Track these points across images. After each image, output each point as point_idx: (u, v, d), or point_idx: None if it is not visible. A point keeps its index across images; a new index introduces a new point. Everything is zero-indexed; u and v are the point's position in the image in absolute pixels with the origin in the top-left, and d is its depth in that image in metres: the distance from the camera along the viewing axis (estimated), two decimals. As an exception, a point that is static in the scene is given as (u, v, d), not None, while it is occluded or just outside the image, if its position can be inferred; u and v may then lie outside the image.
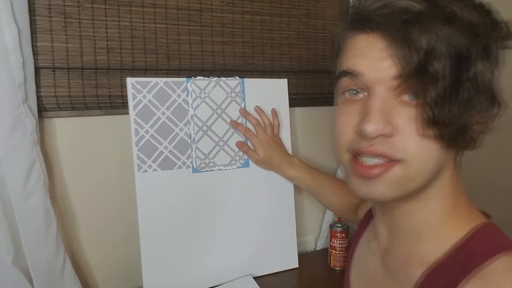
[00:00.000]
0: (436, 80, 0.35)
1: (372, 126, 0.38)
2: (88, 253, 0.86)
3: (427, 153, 0.39)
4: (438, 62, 0.35)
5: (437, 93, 0.35)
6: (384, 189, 0.40)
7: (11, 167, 0.69)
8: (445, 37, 0.35)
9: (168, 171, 0.80)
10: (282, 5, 0.96)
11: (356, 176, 0.42)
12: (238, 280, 0.86)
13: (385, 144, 0.39)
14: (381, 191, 0.41)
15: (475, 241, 0.42)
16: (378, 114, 0.38)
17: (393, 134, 0.39)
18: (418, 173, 0.40)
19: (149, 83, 0.78)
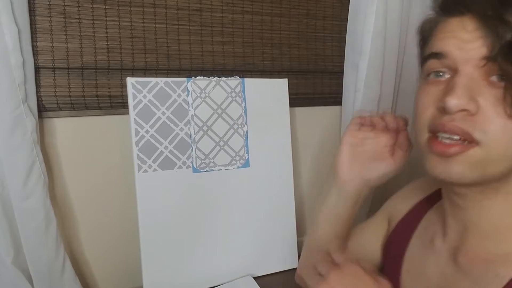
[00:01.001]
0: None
1: (455, 99, 0.38)
2: (88, 253, 0.86)
3: (510, 137, 0.38)
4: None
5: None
6: (462, 168, 0.39)
7: (11, 167, 0.69)
8: None
9: (168, 171, 0.80)
10: (282, 5, 0.96)
11: (433, 153, 0.41)
12: (238, 280, 0.86)
13: (467, 122, 0.38)
14: (458, 171, 0.40)
15: None
16: (463, 89, 0.38)
17: (476, 113, 0.38)
18: (498, 157, 0.39)
19: (149, 83, 0.78)
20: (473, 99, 0.38)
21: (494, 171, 0.40)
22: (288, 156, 0.93)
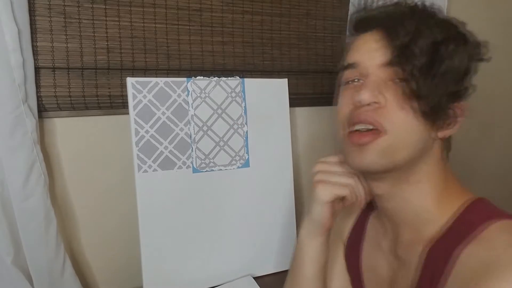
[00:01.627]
0: (414, 59, 0.44)
1: (366, 93, 0.46)
2: (88, 253, 0.86)
3: (411, 126, 0.46)
4: (416, 46, 0.44)
5: (417, 70, 0.44)
6: (374, 157, 0.47)
7: (11, 167, 0.69)
8: (425, 27, 0.45)
9: (168, 171, 0.80)
10: (282, 5, 0.96)
11: (351, 145, 0.49)
12: (238, 280, 0.86)
13: (378, 113, 0.46)
14: (370, 159, 0.47)
15: (471, 212, 0.46)
16: (373, 85, 0.47)
17: (385, 106, 0.46)
18: (403, 144, 0.46)
19: (149, 83, 0.78)
20: (382, 94, 0.46)
21: (400, 158, 0.47)
22: (288, 156, 0.92)
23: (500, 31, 1.31)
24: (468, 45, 0.47)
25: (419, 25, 0.45)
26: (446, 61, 0.45)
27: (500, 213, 0.45)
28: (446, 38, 0.45)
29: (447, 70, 0.45)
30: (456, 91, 0.47)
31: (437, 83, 0.45)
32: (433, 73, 0.44)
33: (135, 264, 0.79)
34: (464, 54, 0.46)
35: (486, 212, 0.46)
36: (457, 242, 0.44)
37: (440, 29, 0.46)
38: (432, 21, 0.46)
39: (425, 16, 0.47)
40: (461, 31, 0.48)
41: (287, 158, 0.92)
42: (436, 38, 0.45)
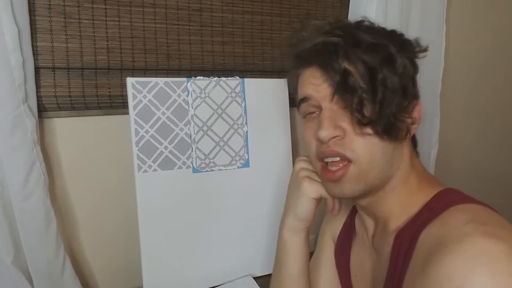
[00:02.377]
0: (355, 90, 0.47)
1: (324, 131, 0.49)
2: (88, 253, 0.86)
3: (372, 148, 0.48)
4: (352, 77, 0.47)
5: (359, 100, 0.47)
6: (350, 186, 0.50)
7: (11, 167, 0.69)
8: (356, 57, 0.47)
9: (168, 171, 0.80)
10: (282, 5, 0.96)
11: (327, 181, 0.52)
12: (238, 280, 0.86)
13: (339, 145, 0.49)
14: (349, 188, 0.50)
15: (436, 200, 0.49)
16: (328, 121, 0.49)
17: (344, 137, 0.49)
18: (370, 166, 0.49)
19: (149, 83, 0.78)
20: (338, 126, 0.49)
21: (374, 178, 0.50)
22: (288, 156, 0.93)
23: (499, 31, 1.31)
24: (405, 54, 0.49)
25: (350, 57, 0.47)
26: (386, 82, 0.47)
27: (463, 198, 0.47)
28: (380, 61, 0.47)
29: (388, 91, 0.47)
30: (406, 103, 0.49)
31: (383, 105, 0.47)
32: (377, 97, 0.47)
33: (135, 264, 0.79)
34: (402, 67, 0.48)
35: (449, 198, 0.48)
36: (420, 227, 0.46)
37: (372, 54, 0.47)
38: (364, 46, 0.48)
39: (356, 42, 0.48)
40: (395, 43, 0.49)
41: (287, 158, 0.92)
42: (370, 65, 0.47)
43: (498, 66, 1.34)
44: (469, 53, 1.26)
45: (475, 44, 1.27)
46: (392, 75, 0.47)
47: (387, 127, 0.47)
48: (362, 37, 0.48)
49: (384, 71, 0.47)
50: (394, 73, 0.47)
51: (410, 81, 0.50)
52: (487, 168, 1.38)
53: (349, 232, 0.65)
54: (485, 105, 1.34)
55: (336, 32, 0.49)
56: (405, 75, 0.49)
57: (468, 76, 1.28)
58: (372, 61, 0.47)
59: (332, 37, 0.49)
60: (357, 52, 0.47)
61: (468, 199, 0.47)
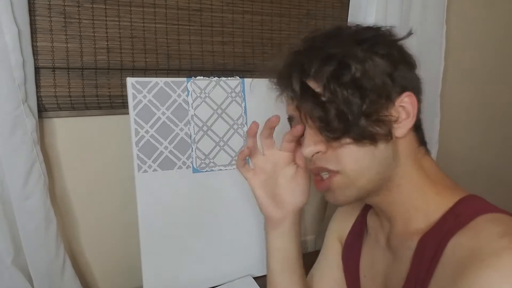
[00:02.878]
0: (311, 113, 0.48)
1: (306, 149, 0.51)
2: (88, 253, 0.86)
3: (356, 156, 0.48)
4: (306, 101, 0.48)
5: (319, 120, 0.48)
6: (341, 194, 0.51)
7: (11, 167, 0.69)
8: (310, 75, 0.48)
9: (168, 171, 0.80)
10: (282, 5, 0.96)
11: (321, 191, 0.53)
12: (238, 280, 0.86)
13: (322, 160, 0.50)
14: (340, 197, 0.51)
15: (461, 206, 0.47)
16: (308, 138, 0.51)
17: (326, 151, 0.50)
18: (358, 173, 0.49)
19: (149, 83, 0.78)
20: (319, 142, 0.50)
21: (367, 184, 0.49)
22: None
23: (499, 31, 1.31)
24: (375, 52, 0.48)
25: (306, 77, 0.48)
26: (336, 96, 0.46)
27: (489, 207, 0.46)
28: (329, 75, 0.47)
29: (343, 104, 0.46)
30: (372, 106, 0.47)
31: (342, 119, 0.46)
32: (337, 112, 0.46)
33: (135, 264, 0.79)
34: (361, 71, 0.47)
35: (475, 205, 0.47)
36: (446, 233, 0.44)
37: (323, 68, 0.47)
38: (316, 62, 0.48)
39: (310, 59, 0.48)
40: (362, 44, 0.48)
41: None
42: (321, 81, 0.47)
43: (498, 66, 1.34)
44: (469, 53, 1.26)
45: (475, 44, 1.27)
46: (344, 85, 0.46)
47: (359, 134, 0.47)
48: (321, 50, 0.48)
49: (332, 86, 0.46)
50: (348, 81, 0.46)
51: (387, 77, 0.48)
52: (487, 168, 1.38)
53: (360, 230, 0.64)
54: (485, 105, 1.34)
55: (301, 50, 0.51)
56: (371, 76, 0.47)
57: (468, 76, 1.28)
58: (321, 75, 0.47)
59: (295, 57, 0.51)
60: (312, 67, 0.48)
61: (494, 208, 0.46)
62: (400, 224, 0.52)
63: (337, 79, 0.46)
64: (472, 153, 1.34)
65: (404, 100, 0.49)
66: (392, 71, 0.48)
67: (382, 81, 0.48)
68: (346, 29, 0.53)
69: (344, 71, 0.47)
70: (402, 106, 0.49)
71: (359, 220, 0.65)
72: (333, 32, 0.53)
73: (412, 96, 0.49)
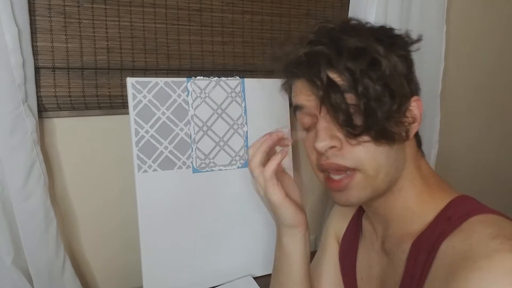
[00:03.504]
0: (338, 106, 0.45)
1: (321, 142, 0.47)
2: (88, 253, 0.86)
3: (373, 154, 0.47)
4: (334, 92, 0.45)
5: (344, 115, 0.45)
6: (356, 193, 0.49)
7: (11, 167, 0.69)
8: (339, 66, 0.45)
9: (168, 171, 0.80)
10: (282, 5, 0.96)
11: (332, 190, 0.51)
12: (238, 280, 0.86)
13: (338, 156, 0.47)
14: (355, 196, 0.49)
15: (453, 208, 0.47)
16: (324, 132, 0.47)
17: (342, 147, 0.47)
18: (376, 172, 0.48)
19: (149, 83, 0.78)
20: (334, 137, 0.47)
21: (381, 184, 0.49)
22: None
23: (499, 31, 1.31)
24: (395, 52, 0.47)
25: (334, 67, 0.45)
26: (368, 92, 0.45)
27: (480, 207, 0.46)
28: (362, 69, 0.45)
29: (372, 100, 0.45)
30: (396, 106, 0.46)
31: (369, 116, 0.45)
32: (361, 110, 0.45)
33: (135, 264, 0.79)
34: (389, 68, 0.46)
35: (466, 207, 0.47)
36: (438, 236, 0.45)
37: (355, 61, 0.45)
38: (346, 52, 0.46)
39: (339, 49, 0.46)
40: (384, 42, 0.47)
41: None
42: (353, 74, 0.45)
43: (498, 66, 1.34)
44: (469, 53, 1.26)
45: (475, 44, 1.27)
46: (376, 81, 0.45)
47: (380, 133, 0.46)
48: (346, 43, 0.46)
49: (365, 81, 0.45)
50: (378, 78, 0.45)
51: (404, 79, 0.48)
52: (487, 168, 1.38)
53: (355, 232, 0.64)
54: (485, 105, 1.34)
55: (320, 40, 0.47)
56: (395, 76, 0.46)
57: (468, 76, 1.28)
58: (354, 69, 0.45)
59: (315, 47, 0.47)
60: (341, 60, 0.45)
61: (485, 208, 0.46)
62: (395, 227, 0.53)
63: (370, 75, 0.45)
64: (472, 152, 1.34)
65: (412, 104, 0.49)
66: (407, 73, 0.49)
67: (406, 81, 0.48)
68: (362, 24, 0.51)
69: (375, 67, 0.45)
70: (410, 110, 0.49)
71: (354, 220, 0.65)
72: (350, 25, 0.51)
73: (419, 100, 0.49)
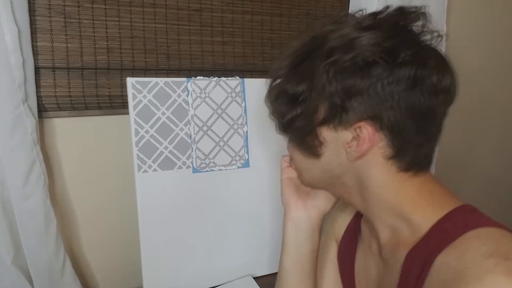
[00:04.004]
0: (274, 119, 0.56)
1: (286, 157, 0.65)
2: (88, 253, 0.86)
3: (300, 163, 0.57)
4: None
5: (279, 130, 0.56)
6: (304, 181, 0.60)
7: (11, 167, 0.69)
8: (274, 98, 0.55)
9: (168, 171, 0.80)
10: (282, 5, 0.96)
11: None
12: (238, 280, 0.86)
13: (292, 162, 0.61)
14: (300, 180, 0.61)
15: (449, 220, 0.45)
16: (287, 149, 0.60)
17: (292, 158, 0.60)
18: (305, 175, 0.58)
19: (149, 83, 0.78)
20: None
21: (306, 182, 0.59)
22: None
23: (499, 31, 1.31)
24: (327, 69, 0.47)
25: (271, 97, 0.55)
26: (274, 114, 0.55)
27: (478, 221, 0.44)
28: (274, 96, 0.53)
29: (281, 122, 0.54)
30: (300, 130, 0.52)
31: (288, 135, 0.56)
32: (279, 128, 0.55)
33: (135, 264, 0.79)
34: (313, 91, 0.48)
35: (464, 220, 0.44)
36: (432, 250, 0.43)
37: (271, 91, 0.54)
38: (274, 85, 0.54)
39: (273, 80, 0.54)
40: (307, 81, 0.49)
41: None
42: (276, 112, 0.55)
43: (498, 66, 1.34)
44: (469, 53, 1.26)
45: (475, 44, 1.27)
46: (280, 105, 0.52)
47: (306, 145, 0.53)
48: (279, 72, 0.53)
49: (273, 105, 0.54)
50: (294, 109, 0.50)
51: (324, 101, 0.47)
52: (487, 168, 1.38)
53: (354, 234, 0.64)
54: (485, 105, 1.34)
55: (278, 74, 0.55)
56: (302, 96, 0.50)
57: (468, 76, 1.28)
58: (277, 110, 0.54)
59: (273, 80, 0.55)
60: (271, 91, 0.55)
61: (484, 221, 0.44)
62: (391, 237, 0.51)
63: (275, 100, 0.55)
64: (472, 153, 1.34)
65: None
66: (330, 96, 0.52)
67: (328, 104, 0.51)
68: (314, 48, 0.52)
69: (280, 95, 0.53)
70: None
71: (353, 222, 0.65)
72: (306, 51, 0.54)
73: (367, 124, 0.46)
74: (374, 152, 0.48)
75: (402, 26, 0.47)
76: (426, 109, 0.47)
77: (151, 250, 0.79)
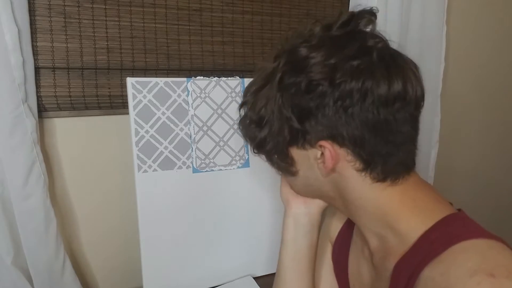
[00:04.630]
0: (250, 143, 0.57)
1: None
2: (88, 253, 0.86)
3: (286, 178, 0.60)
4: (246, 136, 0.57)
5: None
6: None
7: (11, 167, 0.69)
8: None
9: (168, 171, 0.80)
10: (282, 5, 0.96)
11: None
12: (238, 280, 0.86)
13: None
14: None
15: (437, 230, 0.44)
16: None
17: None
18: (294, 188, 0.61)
19: (149, 83, 0.78)
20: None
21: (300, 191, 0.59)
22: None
23: (499, 31, 1.31)
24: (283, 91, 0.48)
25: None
26: (246, 137, 0.57)
27: (466, 232, 0.43)
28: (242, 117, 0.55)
29: (253, 143, 0.56)
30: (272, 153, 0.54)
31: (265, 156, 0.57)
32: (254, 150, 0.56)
33: (135, 264, 0.79)
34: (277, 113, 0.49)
35: (451, 230, 0.44)
36: (419, 263, 0.43)
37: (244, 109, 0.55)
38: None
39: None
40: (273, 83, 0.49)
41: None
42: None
43: (498, 66, 1.34)
44: (469, 53, 1.26)
45: (475, 44, 1.27)
46: (247, 126, 0.54)
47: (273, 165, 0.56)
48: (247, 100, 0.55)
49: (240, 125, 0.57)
50: (271, 136, 0.51)
51: (284, 124, 0.49)
52: (487, 168, 1.38)
53: (346, 238, 0.64)
54: (485, 105, 1.34)
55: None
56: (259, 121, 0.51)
57: (468, 76, 1.28)
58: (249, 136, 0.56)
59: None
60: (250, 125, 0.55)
61: (472, 232, 0.43)
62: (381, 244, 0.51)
63: (242, 122, 0.57)
64: (471, 153, 1.34)
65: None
66: (293, 119, 0.52)
67: (286, 125, 0.51)
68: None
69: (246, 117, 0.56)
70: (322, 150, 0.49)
71: (345, 228, 0.65)
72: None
73: (327, 143, 0.47)
74: (345, 166, 0.48)
75: (349, 37, 0.46)
76: (383, 121, 0.45)
77: (151, 250, 0.79)
